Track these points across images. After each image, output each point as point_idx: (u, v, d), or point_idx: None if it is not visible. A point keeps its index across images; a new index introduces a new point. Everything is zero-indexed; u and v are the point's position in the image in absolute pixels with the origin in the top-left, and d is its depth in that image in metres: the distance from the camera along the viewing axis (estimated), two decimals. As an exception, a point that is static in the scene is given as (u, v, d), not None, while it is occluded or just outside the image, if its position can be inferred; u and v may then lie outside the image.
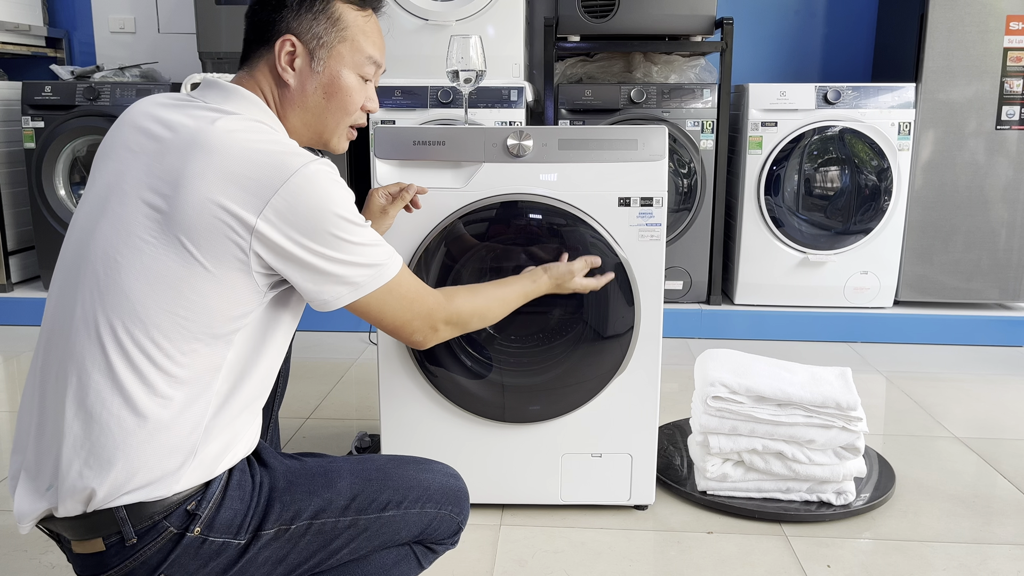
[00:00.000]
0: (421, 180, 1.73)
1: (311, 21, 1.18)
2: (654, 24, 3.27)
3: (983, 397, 2.70)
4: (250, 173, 1.03)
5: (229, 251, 1.03)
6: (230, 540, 1.09)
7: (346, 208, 1.08)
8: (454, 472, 1.33)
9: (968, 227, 3.30)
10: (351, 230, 1.09)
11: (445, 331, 1.29)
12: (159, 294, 1.03)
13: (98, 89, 3.29)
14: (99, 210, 1.08)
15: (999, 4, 3.14)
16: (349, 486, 1.19)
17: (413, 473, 1.26)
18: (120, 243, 1.04)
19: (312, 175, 1.05)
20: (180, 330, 1.03)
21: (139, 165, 1.07)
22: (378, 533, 1.21)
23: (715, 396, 1.84)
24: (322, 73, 1.20)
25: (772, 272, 3.34)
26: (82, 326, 1.04)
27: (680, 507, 1.91)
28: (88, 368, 1.03)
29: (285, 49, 1.17)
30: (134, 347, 1.03)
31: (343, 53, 1.21)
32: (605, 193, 1.72)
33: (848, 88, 3.18)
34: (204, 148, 1.04)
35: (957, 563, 1.70)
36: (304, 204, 1.04)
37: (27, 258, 3.70)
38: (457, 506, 1.30)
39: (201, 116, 1.09)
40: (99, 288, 1.04)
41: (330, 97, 1.22)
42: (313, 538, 1.16)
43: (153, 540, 1.05)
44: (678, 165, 3.30)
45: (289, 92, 1.19)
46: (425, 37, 3.26)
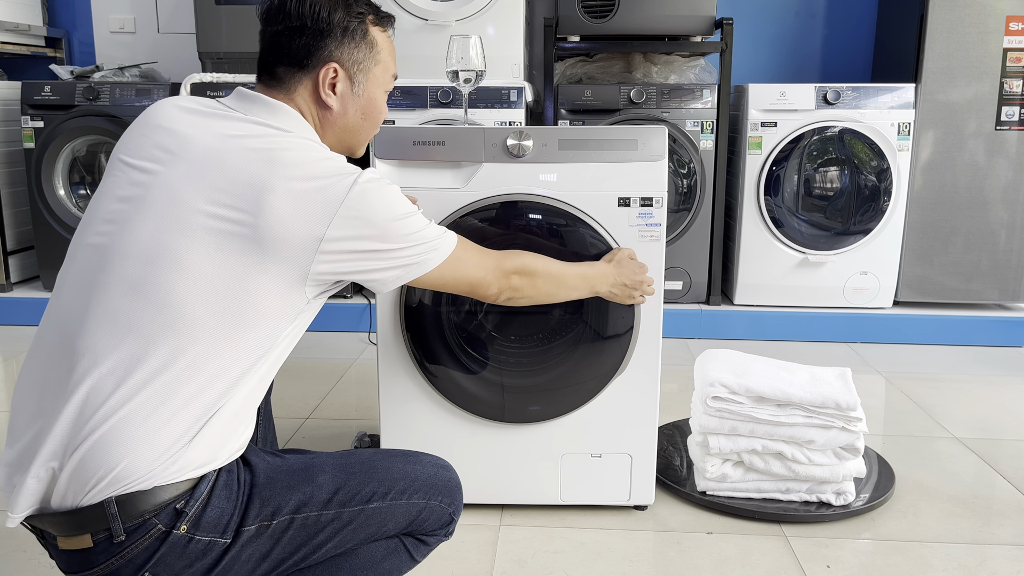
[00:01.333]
0: (421, 180, 1.73)
1: (353, 49, 1.26)
2: (654, 24, 3.27)
3: (983, 398, 2.70)
4: (318, 188, 1.11)
5: (293, 260, 1.10)
6: (216, 539, 1.09)
7: (399, 205, 1.19)
8: (444, 463, 1.33)
9: (968, 228, 3.30)
10: (412, 218, 1.21)
11: (517, 280, 1.41)
12: (212, 295, 1.07)
13: (98, 89, 3.29)
14: (135, 207, 1.10)
15: (999, 5, 3.14)
16: (331, 479, 1.19)
17: (400, 465, 1.27)
18: (170, 243, 1.07)
19: (370, 180, 1.16)
20: (221, 332, 1.07)
21: (194, 171, 1.10)
22: (363, 526, 1.21)
23: (715, 396, 1.84)
24: (361, 96, 1.29)
25: (772, 272, 3.34)
26: (108, 320, 1.06)
27: (680, 507, 1.91)
28: (98, 361, 1.05)
29: (329, 77, 1.25)
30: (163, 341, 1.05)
31: (377, 75, 1.31)
32: (605, 193, 1.72)
33: (848, 88, 3.19)
34: (276, 167, 1.10)
35: (956, 563, 1.70)
36: (371, 206, 1.14)
37: (27, 258, 3.70)
38: (448, 496, 1.29)
39: (259, 130, 1.16)
40: (133, 284, 1.07)
41: (367, 117, 1.32)
42: (296, 533, 1.15)
43: (141, 537, 1.05)
44: (678, 165, 3.30)
45: (331, 115, 1.28)
46: (425, 37, 3.26)
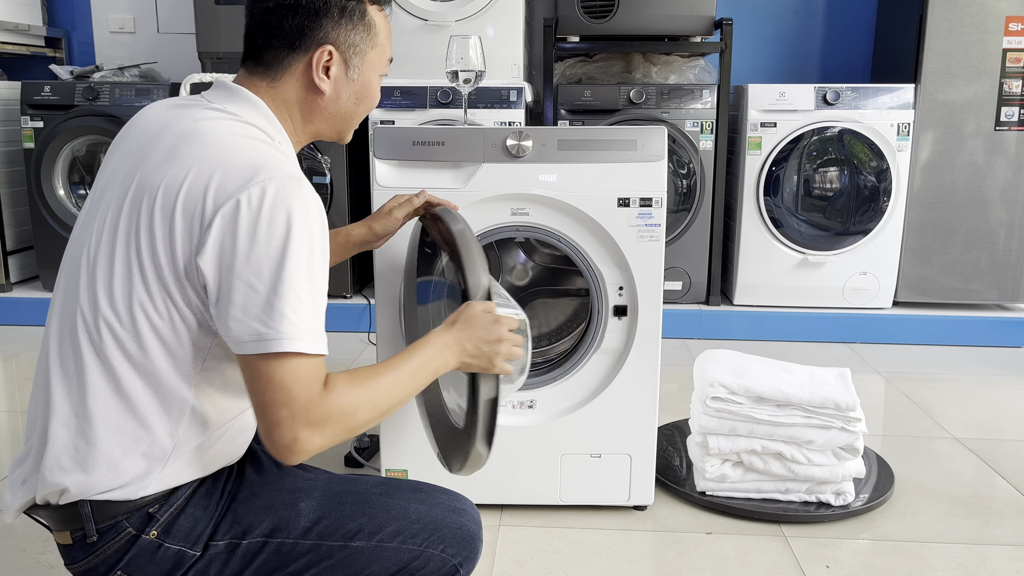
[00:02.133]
0: (420, 180, 1.73)
1: (350, 30, 1.16)
2: (653, 25, 3.27)
3: (982, 398, 2.70)
4: (226, 167, 1.00)
5: (189, 242, 1.00)
6: (186, 549, 1.06)
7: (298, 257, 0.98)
8: (461, 506, 1.19)
9: (967, 228, 3.30)
10: (296, 266, 0.98)
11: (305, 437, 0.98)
12: (144, 309, 1.02)
13: (97, 89, 3.29)
14: (91, 215, 1.09)
15: (998, 5, 3.14)
16: (315, 507, 1.12)
17: (402, 502, 1.15)
18: (105, 253, 1.03)
19: (285, 187, 0.99)
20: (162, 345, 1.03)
21: (128, 166, 1.08)
22: (342, 564, 1.10)
23: (714, 397, 1.84)
24: (356, 81, 1.20)
25: (771, 273, 3.34)
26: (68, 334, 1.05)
27: (679, 508, 1.91)
28: (73, 370, 1.05)
29: (324, 59, 1.15)
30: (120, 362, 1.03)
31: (373, 59, 1.21)
32: (604, 194, 1.72)
33: (847, 89, 3.19)
34: (190, 141, 1.03)
35: (956, 564, 1.70)
36: (263, 218, 0.97)
37: (26, 258, 3.70)
38: (454, 546, 1.13)
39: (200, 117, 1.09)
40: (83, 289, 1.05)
41: (360, 101, 1.22)
42: (269, 558, 1.09)
43: (112, 539, 1.05)
44: (677, 166, 3.30)
45: (323, 99, 1.18)
46: (424, 37, 3.26)
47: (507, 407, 1.83)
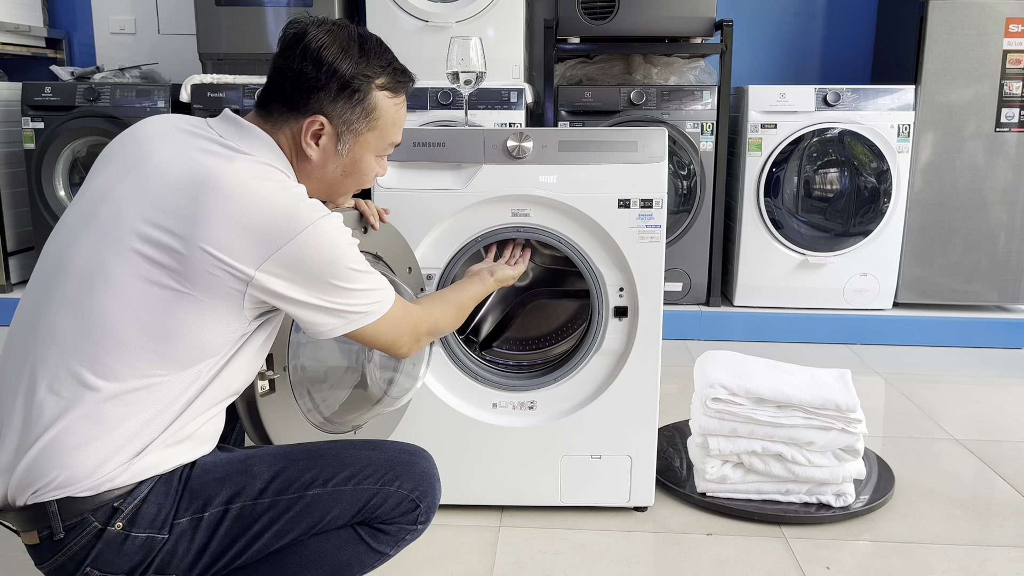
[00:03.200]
0: (421, 181, 1.73)
1: (345, 107, 1.19)
2: (654, 26, 3.27)
3: (982, 399, 2.70)
4: (260, 224, 1.06)
5: (224, 289, 1.07)
6: (153, 535, 1.09)
7: (352, 260, 1.14)
8: (414, 449, 1.26)
9: (967, 229, 3.30)
10: (354, 278, 1.15)
11: (425, 340, 1.36)
12: (140, 320, 1.06)
13: (98, 90, 3.29)
14: (86, 220, 1.10)
15: (998, 6, 3.14)
16: (268, 468, 1.16)
17: (354, 451, 1.21)
18: (106, 262, 1.06)
19: (321, 231, 1.09)
20: (154, 355, 1.06)
21: (136, 187, 1.09)
22: (303, 514, 1.15)
23: (714, 398, 1.84)
24: (345, 156, 1.23)
25: (771, 274, 3.34)
26: (47, 332, 1.07)
27: (679, 509, 1.91)
28: (41, 374, 1.06)
29: (313, 128, 1.19)
30: (98, 364, 1.05)
31: (369, 140, 1.24)
32: (605, 195, 1.72)
33: (847, 90, 3.19)
34: (218, 193, 1.06)
35: (956, 565, 1.70)
36: (311, 258, 1.09)
37: (26, 259, 3.70)
38: (411, 482, 1.21)
39: (215, 153, 1.11)
40: (69, 299, 1.07)
41: (348, 176, 1.26)
42: (232, 524, 1.13)
43: (78, 535, 1.07)
44: (678, 167, 3.30)
45: (309, 164, 1.22)
46: (425, 38, 3.26)
47: (508, 408, 1.83)
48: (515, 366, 1.93)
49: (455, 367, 1.81)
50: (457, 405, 1.82)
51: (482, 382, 1.83)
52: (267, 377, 1.30)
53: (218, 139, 1.14)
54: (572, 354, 1.84)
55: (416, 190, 1.73)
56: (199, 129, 1.16)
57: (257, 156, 1.14)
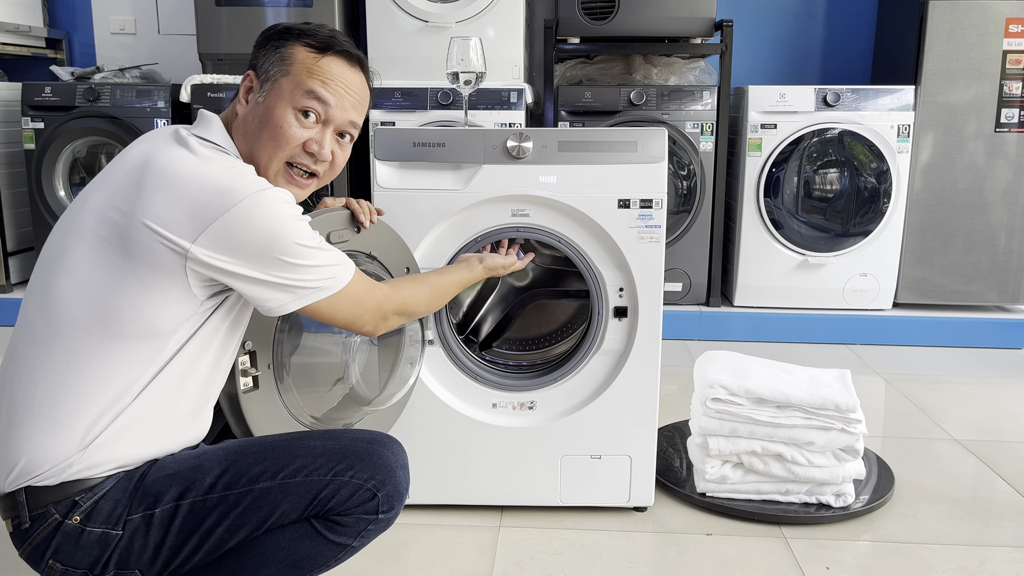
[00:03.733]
0: (421, 182, 1.73)
1: (264, 58, 1.27)
2: (654, 26, 3.28)
3: (982, 399, 2.70)
4: (196, 198, 1.09)
5: (164, 264, 1.09)
6: (108, 530, 1.11)
7: (297, 235, 1.14)
8: (375, 437, 1.23)
9: (967, 229, 3.30)
10: (302, 253, 1.14)
11: (394, 320, 1.36)
12: (89, 297, 1.09)
13: (98, 90, 3.29)
14: (64, 215, 1.19)
15: (998, 7, 3.14)
16: (218, 463, 1.16)
17: (308, 443, 1.20)
18: (67, 244, 1.13)
19: (258, 203, 1.10)
20: (107, 334, 1.10)
21: (105, 179, 1.16)
22: (253, 508, 1.15)
23: (714, 398, 1.84)
24: (261, 104, 1.25)
25: (771, 274, 3.34)
26: (23, 321, 1.15)
27: (679, 509, 1.91)
28: (17, 362, 1.12)
29: (245, 83, 1.28)
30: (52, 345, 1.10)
31: (283, 87, 1.25)
32: (605, 195, 1.72)
33: (847, 90, 3.19)
34: (160, 170, 1.10)
35: (956, 565, 1.70)
36: (248, 231, 1.10)
37: (27, 259, 3.70)
38: (365, 471, 1.17)
39: (170, 141, 1.16)
40: (38, 286, 1.14)
41: (263, 127, 1.24)
42: (184, 520, 1.14)
43: (41, 526, 1.10)
44: (678, 167, 3.30)
45: (237, 120, 1.27)
46: (425, 39, 3.26)
47: (508, 408, 1.83)
48: (515, 366, 1.93)
49: (455, 367, 1.81)
50: (457, 405, 1.82)
51: (482, 382, 1.83)
52: (250, 374, 1.30)
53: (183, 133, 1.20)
54: (572, 354, 1.84)
55: (416, 190, 1.73)
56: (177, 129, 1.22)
57: (208, 140, 1.20)
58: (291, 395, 1.42)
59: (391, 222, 1.65)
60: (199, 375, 1.18)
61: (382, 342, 1.64)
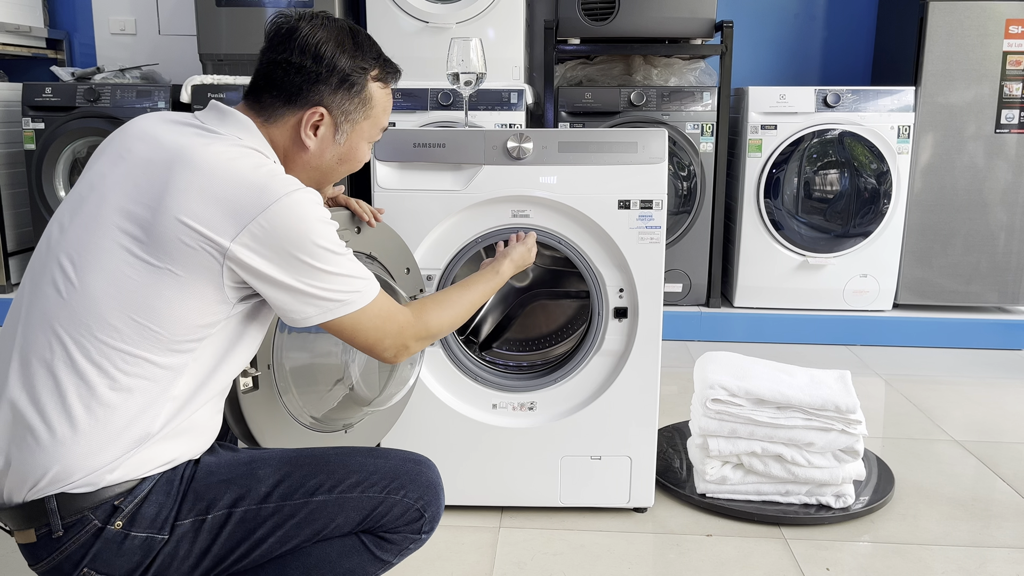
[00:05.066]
0: (421, 182, 1.74)
1: (344, 99, 1.23)
2: (654, 27, 3.28)
3: (982, 400, 2.70)
4: (233, 196, 1.07)
5: (202, 263, 1.07)
6: (153, 535, 1.09)
7: (325, 237, 1.12)
8: (419, 458, 1.26)
9: (967, 230, 3.30)
10: (329, 259, 1.13)
11: (415, 347, 1.29)
12: (124, 297, 1.06)
13: (98, 91, 3.30)
14: (75, 209, 1.12)
15: (998, 8, 3.14)
16: (274, 472, 1.16)
17: (360, 459, 1.21)
18: (90, 244, 1.07)
19: (295, 203, 1.09)
20: (141, 336, 1.06)
21: (121, 172, 1.11)
22: (308, 520, 1.15)
23: (714, 399, 1.84)
24: (342, 144, 1.26)
25: (771, 275, 3.34)
26: (38, 320, 1.07)
27: (679, 510, 1.91)
28: (36, 364, 1.06)
29: (313, 119, 1.22)
30: (89, 347, 1.05)
31: (364, 128, 1.28)
32: (605, 196, 1.72)
33: (848, 91, 3.19)
34: (191, 167, 1.08)
35: (956, 566, 1.70)
36: (283, 230, 1.08)
37: (27, 259, 3.70)
38: (416, 491, 1.21)
39: (192, 134, 1.13)
40: (58, 286, 1.08)
41: (343, 163, 1.29)
42: (235, 528, 1.12)
43: (77, 533, 1.06)
44: (678, 168, 3.30)
45: (306, 154, 1.24)
46: (425, 39, 3.26)
47: (508, 408, 1.83)
48: (515, 367, 1.93)
49: (455, 368, 1.81)
50: (457, 406, 1.82)
51: (482, 383, 1.83)
52: (250, 375, 1.30)
53: (199, 124, 1.17)
54: (572, 355, 1.84)
55: (416, 191, 1.73)
56: (185, 119, 1.19)
57: (234, 137, 1.16)
58: (291, 396, 1.42)
59: (391, 222, 1.65)
60: (226, 375, 1.16)
61: None
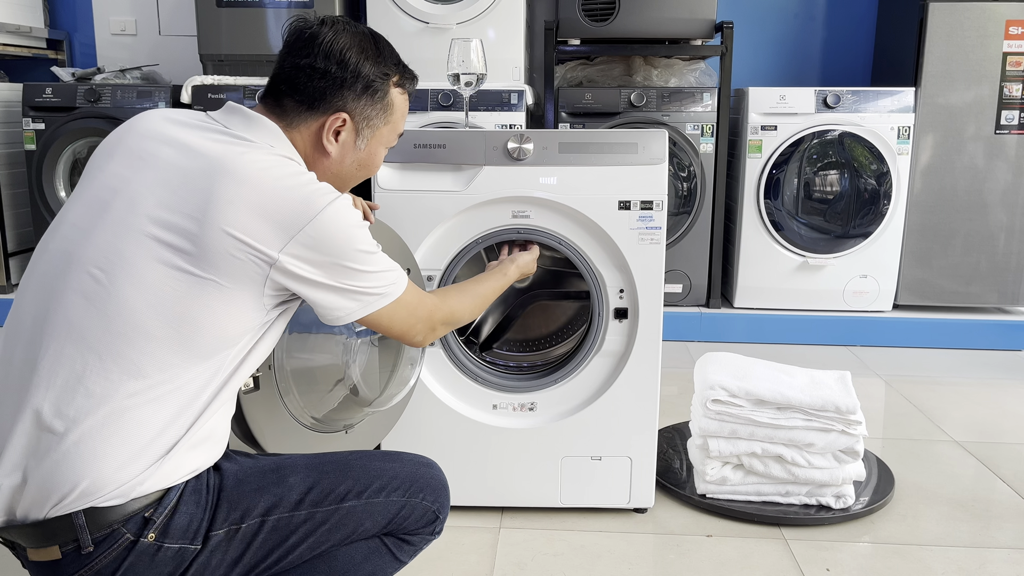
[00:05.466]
0: (422, 183, 1.74)
1: (367, 105, 1.25)
2: (654, 28, 3.28)
3: (982, 401, 2.70)
4: (279, 208, 1.08)
5: (246, 273, 1.07)
6: (186, 545, 1.07)
7: (364, 242, 1.16)
8: (428, 461, 1.30)
9: (967, 231, 3.30)
10: (367, 260, 1.16)
11: (441, 330, 1.36)
12: (163, 307, 1.04)
13: (99, 91, 3.30)
14: (98, 213, 1.08)
15: (998, 9, 3.14)
16: (303, 479, 1.16)
17: (378, 463, 1.24)
18: (122, 252, 1.05)
19: (336, 212, 1.12)
20: (179, 344, 1.05)
21: (150, 178, 1.09)
22: (339, 526, 1.17)
23: (714, 399, 1.84)
24: (363, 150, 1.28)
25: (771, 275, 3.34)
26: (63, 328, 1.04)
27: (679, 510, 1.91)
28: (64, 374, 1.03)
29: (336, 124, 1.23)
30: (122, 357, 1.03)
31: (384, 134, 1.30)
32: (605, 197, 1.72)
33: (848, 92, 3.19)
34: (234, 178, 1.08)
35: (956, 567, 1.70)
36: (328, 239, 1.11)
37: (27, 259, 3.69)
38: (431, 494, 1.26)
39: (227, 142, 1.13)
40: (87, 294, 1.04)
41: (362, 168, 1.31)
42: (268, 536, 1.12)
43: (109, 548, 1.03)
44: (678, 169, 3.30)
45: (327, 160, 1.25)
46: (426, 40, 3.26)
47: (508, 409, 1.83)
48: (515, 367, 1.93)
49: (455, 368, 1.81)
50: (457, 406, 1.83)
51: (482, 383, 1.83)
52: (251, 375, 1.30)
53: (225, 130, 1.16)
54: (572, 355, 1.84)
55: (417, 191, 1.73)
56: (203, 121, 1.17)
57: (267, 145, 1.16)
58: (292, 396, 1.42)
59: (392, 223, 1.66)
60: (240, 380, 1.16)
61: (383, 343, 1.64)
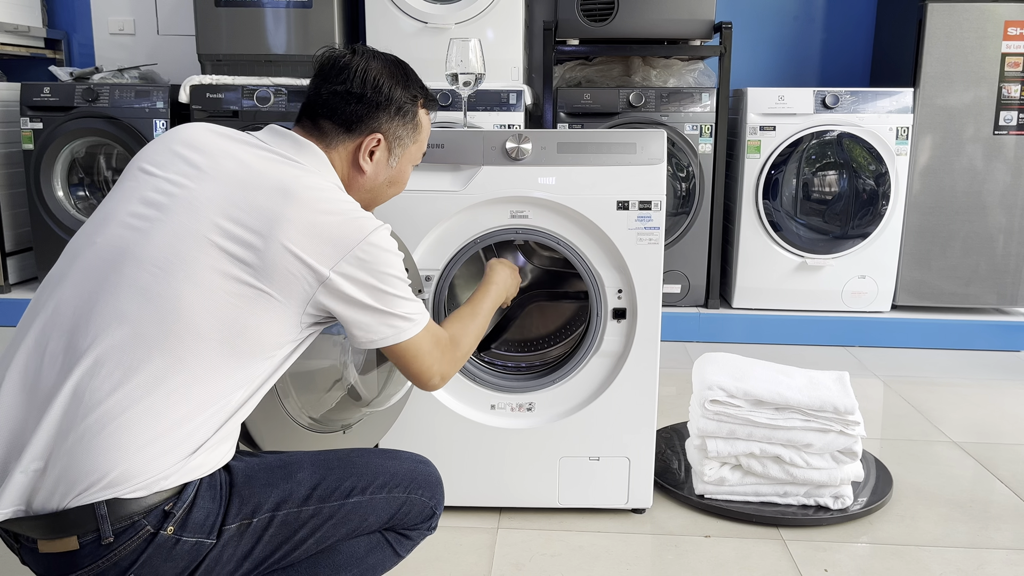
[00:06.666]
0: (420, 183, 1.73)
1: (399, 126, 1.34)
2: (653, 28, 3.28)
3: (980, 402, 2.70)
4: (333, 230, 1.15)
5: (297, 289, 1.14)
6: (202, 539, 1.10)
7: (398, 267, 1.23)
8: (423, 458, 1.35)
9: (966, 232, 3.30)
10: (399, 286, 1.22)
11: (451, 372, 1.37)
12: (219, 312, 1.09)
13: (97, 91, 3.29)
14: (158, 214, 1.14)
15: (997, 10, 3.15)
16: (310, 475, 1.20)
17: (378, 460, 1.28)
18: (183, 254, 1.10)
19: (382, 237, 1.20)
20: (228, 349, 1.10)
21: (211, 188, 1.15)
22: (344, 521, 1.21)
23: (713, 400, 1.84)
24: (394, 168, 1.37)
25: (770, 276, 3.34)
26: (114, 320, 1.07)
27: (677, 511, 1.91)
28: (112, 365, 1.05)
29: (371, 145, 1.32)
30: (172, 355, 1.07)
31: (412, 152, 1.40)
32: (604, 197, 1.72)
33: (846, 93, 3.19)
34: (295, 200, 1.15)
35: (954, 568, 1.70)
36: (375, 260, 1.17)
37: (25, 259, 3.70)
38: (428, 490, 1.31)
39: (282, 163, 1.21)
40: (142, 286, 1.09)
41: (393, 185, 1.40)
42: (277, 530, 1.16)
43: (129, 539, 1.05)
44: (676, 169, 3.30)
45: (363, 178, 1.34)
46: (424, 40, 3.26)
47: (507, 409, 1.83)
48: (514, 368, 1.93)
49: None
50: (455, 406, 1.82)
51: (480, 383, 1.83)
52: None
53: (280, 153, 1.24)
54: (571, 356, 1.84)
55: (415, 191, 1.73)
56: (254, 140, 1.25)
57: (315, 170, 1.25)
58: (290, 397, 1.42)
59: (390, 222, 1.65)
60: (263, 392, 1.20)
61: None
